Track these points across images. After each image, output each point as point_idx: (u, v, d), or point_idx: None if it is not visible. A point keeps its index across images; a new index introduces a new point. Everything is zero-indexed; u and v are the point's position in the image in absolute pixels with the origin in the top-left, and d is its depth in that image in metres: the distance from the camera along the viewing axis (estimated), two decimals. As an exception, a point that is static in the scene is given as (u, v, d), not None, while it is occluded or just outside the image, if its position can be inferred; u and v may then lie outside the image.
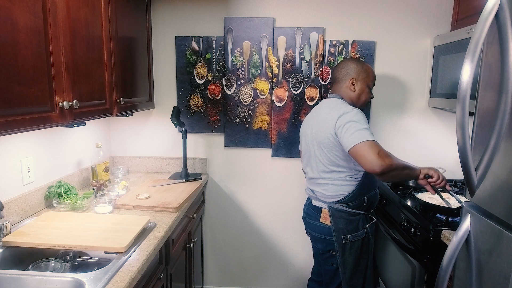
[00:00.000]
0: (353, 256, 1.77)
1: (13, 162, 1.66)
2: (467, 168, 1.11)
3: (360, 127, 1.60)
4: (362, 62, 1.86)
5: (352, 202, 1.75)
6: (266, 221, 2.66)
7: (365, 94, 1.84)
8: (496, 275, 1.05)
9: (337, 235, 1.76)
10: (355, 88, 1.82)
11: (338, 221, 1.76)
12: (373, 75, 1.86)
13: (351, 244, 1.76)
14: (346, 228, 1.75)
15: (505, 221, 1.03)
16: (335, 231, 1.76)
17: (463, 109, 1.05)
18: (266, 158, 2.59)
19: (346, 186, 1.75)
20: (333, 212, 1.76)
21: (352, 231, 1.75)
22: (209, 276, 2.76)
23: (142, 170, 2.65)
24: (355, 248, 1.76)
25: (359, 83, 1.82)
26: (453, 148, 2.36)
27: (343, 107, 1.71)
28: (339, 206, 1.76)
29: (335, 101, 1.81)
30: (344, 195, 1.75)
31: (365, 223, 1.79)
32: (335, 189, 1.76)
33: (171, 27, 2.48)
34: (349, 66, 1.84)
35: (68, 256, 1.55)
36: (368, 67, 1.85)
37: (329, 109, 1.77)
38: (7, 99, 1.14)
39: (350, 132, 1.60)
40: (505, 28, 1.01)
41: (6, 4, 1.12)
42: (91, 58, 1.65)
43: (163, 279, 1.64)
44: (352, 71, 1.82)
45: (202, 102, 2.53)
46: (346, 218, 1.75)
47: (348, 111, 1.67)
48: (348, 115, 1.65)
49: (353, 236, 1.75)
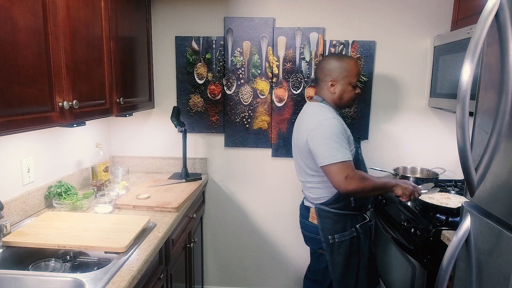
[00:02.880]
0: (342, 256, 1.76)
1: (13, 162, 1.66)
2: (467, 168, 1.10)
3: (333, 144, 1.61)
4: (342, 60, 1.78)
5: (337, 204, 1.75)
6: (266, 221, 2.66)
7: (348, 93, 1.78)
8: (496, 275, 1.05)
9: (324, 234, 1.77)
10: (335, 89, 1.77)
11: (325, 221, 1.77)
12: (355, 72, 1.77)
13: (339, 244, 1.76)
14: (333, 228, 1.76)
15: (505, 221, 1.03)
16: (322, 230, 1.78)
17: (463, 109, 1.05)
18: (266, 158, 2.59)
19: (328, 189, 1.74)
20: (319, 212, 1.79)
21: (339, 231, 1.75)
22: (209, 276, 2.76)
23: (142, 170, 2.65)
24: (343, 248, 1.76)
25: (339, 84, 1.76)
26: (453, 148, 2.36)
27: (321, 115, 1.70)
28: (325, 207, 1.77)
29: (316, 106, 1.79)
30: (328, 197, 1.76)
31: (355, 223, 1.78)
32: (318, 191, 1.79)
33: (171, 27, 2.48)
34: (327, 66, 1.78)
35: (68, 256, 1.55)
36: (349, 64, 1.77)
37: (309, 115, 1.77)
38: (7, 99, 1.14)
39: (322, 149, 1.63)
40: (505, 28, 1.01)
41: (6, 4, 1.12)
42: (91, 58, 1.65)
43: (163, 279, 1.64)
44: (331, 72, 1.77)
45: (202, 102, 2.53)
46: (332, 218, 1.76)
47: (323, 122, 1.66)
48: (322, 128, 1.65)
49: (340, 236, 1.75)
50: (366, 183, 1.63)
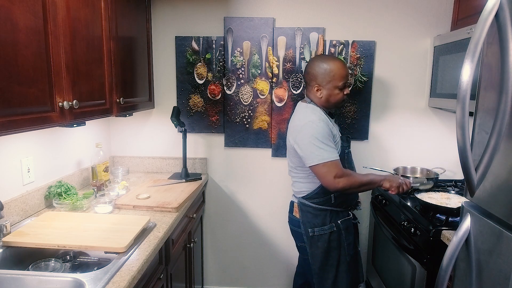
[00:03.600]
0: (321, 250, 1.82)
1: (13, 162, 1.66)
2: (467, 168, 1.11)
3: (319, 145, 1.66)
4: (326, 63, 1.77)
5: (316, 199, 1.81)
6: (266, 221, 2.66)
7: (335, 96, 1.79)
8: (496, 275, 1.05)
9: (304, 227, 1.84)
10: (321, 94, 1.79)
11: (305, 214, 1.84)
12: (340, 75, 1.76)
13: (318, 237, 1.81)
14: (312, 222, 1.82)
15: (505, 221, 1.03)
16: (302, 223, 1.85)
17: (463, 109, 1.05)
18: (266, 158, 2.59)
19: (309, 183, 1.82)
20: (300, 206, 1.86)
21: (318, 225, 1.81)
22: (209, 276, 2.76)
23: (142, 170, 2.65)
24: (322, 241, 1.81)
25: (324, 89, 1.78)
26: (453, 148, 2.36)
27: (306, 116, 1.75)
28: (306, 201, 1.84)
29: (305, 107, 1.83)
30: (308, 192, 1.83)
31: (336, 219, 1.82)
32: (300, 186, 1.86)
33: (171, 27, 2.48)
34: (311, 71, 1.79)
35: (68, 256, 1.55)
36: (334, 67, 1.75)
37: (297, 115, 1.83)
38: (7, 99, 1.14)
39: (309, 150, 1.69)
40: (505, 28, 1.01)
41: (6, 4, 1.12)
42: (91, 58, 1.65)
43: (163, 279, 1.64)
44: (316, 77, 1.78)
45: (202, 102, 2.53)
46: (312, 212, 1.82)
47: (307, 124, 1.71)
48: (307, 130, 1.70)
49: (320, 230, 1.80)
50: (353, 180, 1.71)
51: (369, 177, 1.77)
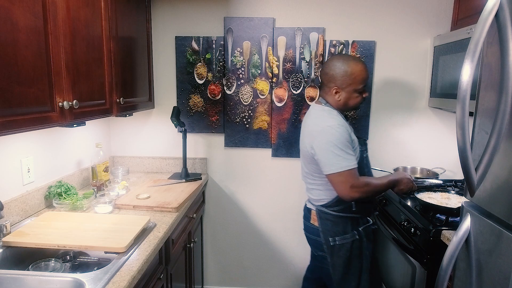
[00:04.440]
0: (342, 259, 1.73)
1: (13, 162, 1.66)
2: (467, 168, 1.10)
3: (337, 152, 1.58)
4: (347, 64, 1.68)
5: (337, 206, 1.73)
6: (266, 221, 2.66)
7: (353, 99, 1.72)
8: (496, 275, 1.05)
9: (324, 236, 1.75)
10: (339, 97, 1.71)
11: (325, 222, 1.75)
12: (361, 78, 1.69)
13: (340, 247, 1.73)
14: (333, 230, 1.73)
15: (505, 221, 1.03)
16: (322, 232, 1.76)
17: (463, 109, 1.05)
18: (266, 158, 2.59)
19: (328, 191, 1.72)
20: (320, 214, 1.76)
21: (340, 234, 1.72)
22: (209, 276, 2.76)
23: (142, 170, 2.65)
24: (344, 251, 1.73)
25: (343, 92, 1.70)
26: (453, 148, 2.36)
27: (324, 120, 1.67)
28: (325, 209, 1.75)
29: (319, 110, 1.74)
30: (328, 199, 1.74)
31: (357, 226, 1.75)
32: (318, 193, 1.77)
33: (171, 27, 2.48)
34: (331, 72, 1.70)
35: (68, 256, 1.55)
36: (355, 69, 1.67)
37: (313, 119, 1.74)
38: (7, 99, 1.14)
39: (326, 157, 1.61)
40: (505, 28, 1.01)
41: (6, 4, 1.12)
42: (91, 58, 1.65)
43: (163, 279, 1.64)
44: (335, 78, 1.69)
45: (202, 102, 2.53)
46: (332, 220, 1.73)
47: (326, 129, 1.62)
48: (326, 136, 1.61)
49: (341, 239, 1.72)
50: (369, 189, 1.66)
51: (384, 181, 1.71)
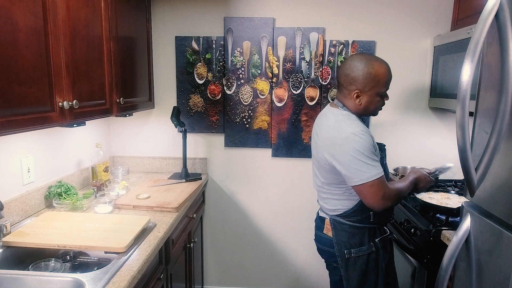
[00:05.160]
0: (358, 272, 1.58)
1: (13, 162, 1.66)
2: (467, 168, 1.10)
3: (365, 160, 1.43)
4: (371, 66, 1.51)
5: (354, 217, 1.57)
6: (266, 221, 2.66)
7: (375, 103, 1.56)
8: (496, 275, 1.05)
9: (339, 248, 1.60)
10: (361, 101, 1.53)
11: (340, 233, 1.59)
12: (385, 80, 1.54)
13: (355, 259, 1.57)
14: (349, 242, 1.58)
15: (505, 221, 1.03)
16: (337, 244, 1.60)
17: (463, 109, 1.05)
18: (266, 158, 2.59)
19: (345, 201, 1.58)
20: (334, 224, 1.61)
21: (356, 245, 1.57)
22: (209, 276, 2.76)
23: (142, 170, 2.65)
24: (359, 264, 1.58)
25: (365, 95, 1.53)
26: (453, 148, 2.36)
27: (346, 127, 1.49)
28: (341, 219, 1.59)
29: (339, 115, 1.56)
30: (345, 209, 1.58)
31: (374, 237, 1.59)
32: (334, 203, 1.61)
33: (171, 27, 2.48)
34: (352, 74, 1.52)
35: (68, 256, 1.55)
36: (379, 71, 1.52)
37: (332, 124, 1.55)
38: (7, 99, 1.14)
39: (353, 168, 1.44)
40: (505, 28, 1.01)
41: (6, 4, 1.12)
42: (91, 58, 1.65)
43: (163, 279, 1.64)
44: (356, 81, 1.51)
45: (202, 102, 2.53)
46: (348, 231, 1.58)
47: (350, 137, 1.45)
48: (351, 144, 1.44)
49: (357, 251, 1.57)
50: (400, 195, 1.54)
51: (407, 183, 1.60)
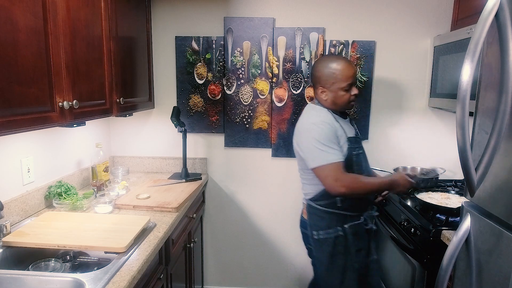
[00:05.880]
0: (325, 254, 1.76)
1: (13, 162, 1.66)
2: (467, 168, 1.10)
3: (321, 147, 1.63)
4: (328, 65, 1.72)
5: (322, 201, 1.75)
6: (266, 221, 2.66)
7: (340, 97, 1.73)
8: (496, 275, 1.05)
9: (310, 229, 1.80)
10: (326, 96, 1.74)
11: (312, 216, 1.80)
12: (343, 76, 1.70)
13: (323, 241, 1.75)
14: (318, 224, 1.77)
15: (505, 221, 1.03)
16: (309, 226, 1.81)
17: (463, 109, 1.05)
18: (266, 158, 2.59)
19: (313, 185, 1.77)
20: (308, 208, 1.82)
21: (323, 228, 1.75)
22: (209, 276, 2.76)
23: (142, 170, 2.65)
24: (326, 245, 1.75)
25: (328, 91, 1.73)
26: (453, 148, 2.36)
27: (310, 118, 1.74)
28: (312, 203, 1.79)
29: (311, 108, 1.81)
30: (313, 193, 1.78)
31: (343, 223, 1.73)
32: (306, 188, 1.83)
33: (171, 27, 2.48)
34: (316, 74, 1.76)
35: (68, 256, 1.55)
36: (337, 68, 1.70)
37: (302, 117, 1.81)
38: (7, 99, 1.14)
39: (310, 152, 1.66)
40: (505, 28, 1.01)
41: (6, 4, 1.12)
42: (91, 58, 1.65)
43: (163, 279, 1.64)
44: (319, 79, 1.74)
45: (202, 102, 2.53)
46: (318, 214, 1.77)
47: (310, 127, 1.69)
48: (310, 133, 1.67)
49: (324, 233, 1.75)
50: (357, 185, 1.66)
51: (377, 181, 1.75)
